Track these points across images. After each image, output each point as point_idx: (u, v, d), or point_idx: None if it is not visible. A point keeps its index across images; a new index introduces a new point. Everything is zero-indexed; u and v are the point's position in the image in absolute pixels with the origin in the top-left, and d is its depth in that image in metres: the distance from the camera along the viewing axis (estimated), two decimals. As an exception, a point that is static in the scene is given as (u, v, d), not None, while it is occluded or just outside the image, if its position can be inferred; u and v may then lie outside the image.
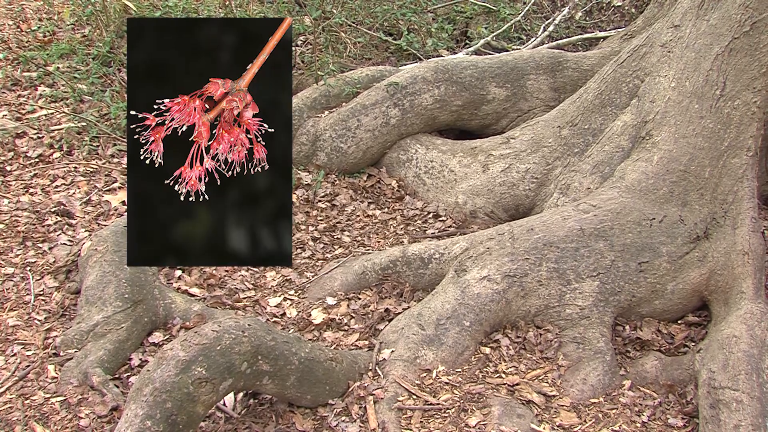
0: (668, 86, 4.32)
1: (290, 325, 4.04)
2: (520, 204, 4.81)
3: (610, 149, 4.48)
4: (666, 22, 4.60)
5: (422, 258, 4.18)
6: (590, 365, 3.73)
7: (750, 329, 3.62)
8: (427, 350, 3.69)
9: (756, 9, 4.11)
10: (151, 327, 3.91)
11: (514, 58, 5.46)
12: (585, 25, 7.22)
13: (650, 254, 4.01)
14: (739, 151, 4.15)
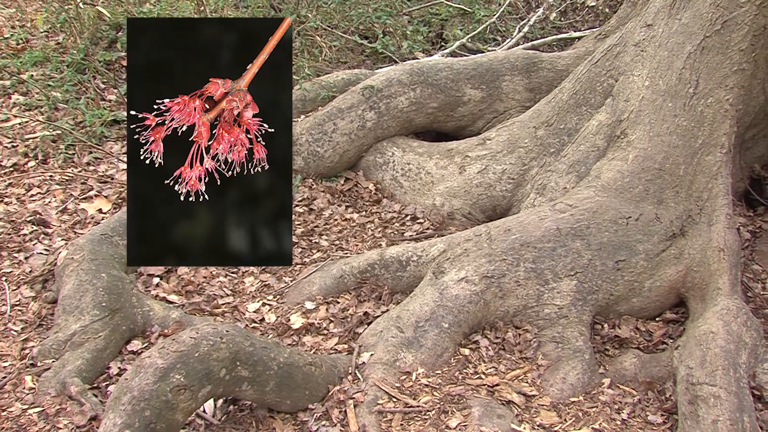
0: (642, 85, 4.34)
1: (269, 330, 4.03)
2: (497, 205, 4.82)
3: (585, 149, 4.50)
4: (639, 22, 4.63)
5: (400, 261, 4.18)
6: (569, 364, 3.74)
7: (726, 325, 3.65)
8: (406, 353, 3.69)
9: (726, 8, 4.15)
10: (129, 335, 3.89)
11: (489, 59, 5.47)
12: (560, 26, 7.26)
13: (627, 252, 4.03)
14: (713, 148, 4.18)
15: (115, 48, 6.11)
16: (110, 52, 6.05)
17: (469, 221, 4.82)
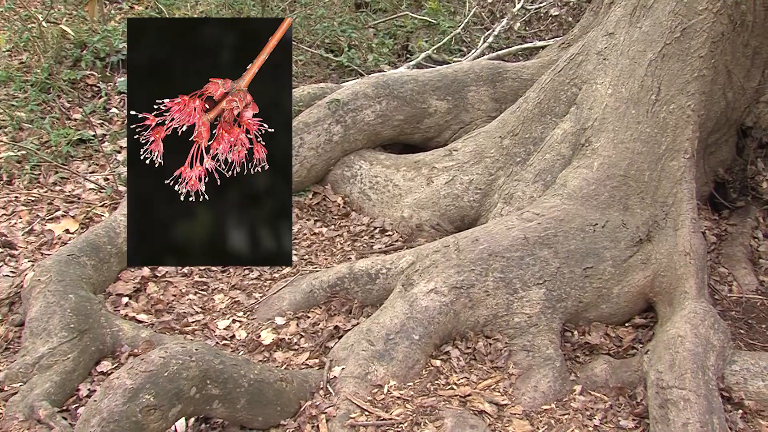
0: (605, 93, 4.38)
1: (240, 347, 4.01)
2: (465, 215, 4.83)
3: (551, 157, 4.53)
4: (600, 31, 4.67)
5: (369, 274, 4.18)
6: (541, 372, 3.75)
7: (694, 328, 3.68)
8: (377, 366, 3.69)
9: (685, 16, 4.21)
10: (98, 356, 3.85)
11: (454, 70, 5.49)
12: (525, 35, 7.30)
13: (595, 259, 4.06)
14: (677, 154, 4.22)
15: (79, 67, 6.08)
16: (75, 71, 6.01)
17: (437, 232, 4.82)
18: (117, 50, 6.20)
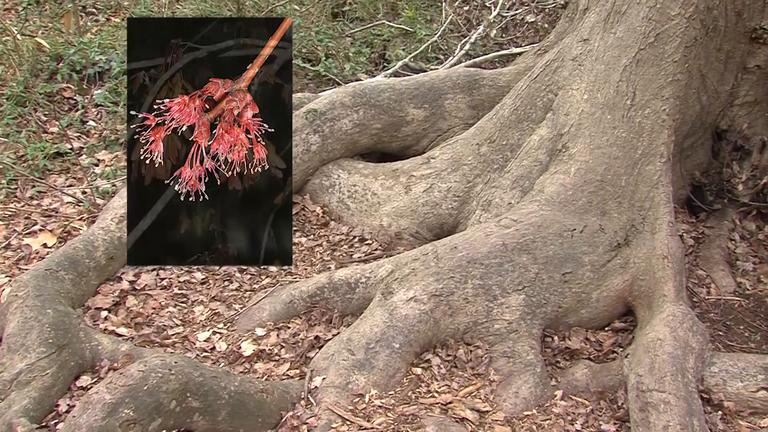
0: (581, 99, 4.40)
1: (220, 359, 4.00)
2: (444, 223, 4.84)
3: (528, 163, 4.54)
4: (575, 37, 4.70)
5: (349, 283, 4.18)
6: (521, 378, 3.76)
7: (673, 331, 3.71)
8: (358, 375, 3.69)
9: (658, 21, 4.24)
10: (78, 371, 3.82)
11: (431, 78, 5.50)
12: (502, 42, 7.32)
13: (573, 264, 4.07)
14: (653, 158, 4.25)
15: (55, 79, 6.05)
16: (51, 84, 5.98)
17: (417, 240, 4.83)
18: (93, 62, 6.18)
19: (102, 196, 5.00)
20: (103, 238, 4.34)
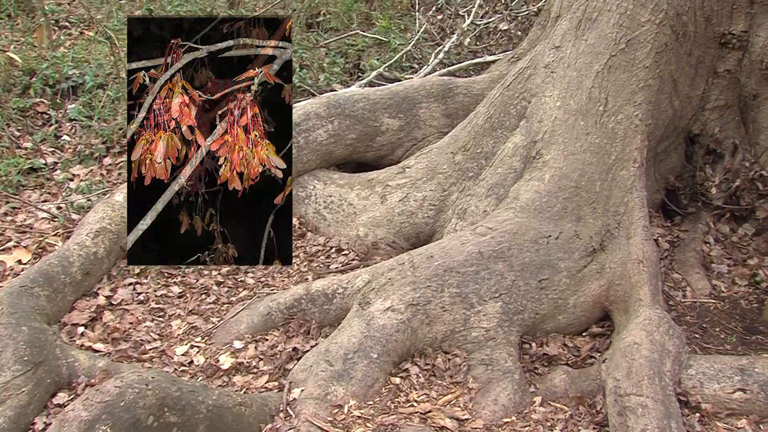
0: (554, 105, 4.43)
1: (198, 372, 3.98)
2: (420, 232, 4.84)
3: (503, 171, 4.56)
4: (548, 44, 4.73)
5: (326, 294, 4.17)
6: (500, 385, 3.77)
7: (649, 335, 3.73)
8: (337, 386, 3.68)
9: (629, 27, 4.28)
10: (54, 388, 3.79)
11: (405, 88, 5.52)
12: (476, 50, 7.35)
13: (549, 271, 4.09)
14: (626, 163, 4.28)
15: (28, 94, 6.02)
16: (24, 99, 5.95)
17: (393, 250, 4.83)
18: (67, 77, 6.16)
19: (77, 211, 4.97)
20: (79, 253, 4.32)
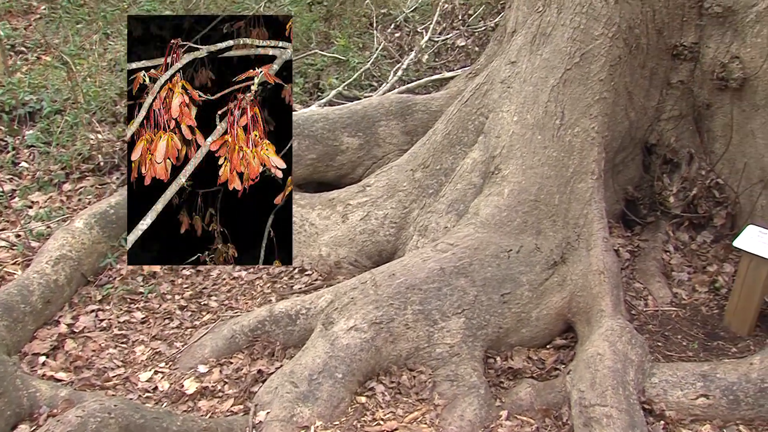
0: (511, 120, 4.46)
1: (163, 398, 3.95)
2: (382, 250, 4.85)
3: (462, 187, 4.58)
4: (504, 59, 4.77)
5: (289, 315, 4.16)
6: (466, 401, 3.77)
7: (612, 345, 3.76)
8: (302, 407, 3.67)
9: (583, 41, 4.33)
10: (15, 420, 3.74)
11: (364, 106, 5.53)
12: (435, 66, 7.39)
13: (511, 285, 4.11)
14: (584, 175, 4.32)
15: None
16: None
17: (356, 269, 4.83)
18: (24, 103, 6.11)
19: (36, 239, 4.93)
20: (39, 281, 4.28)
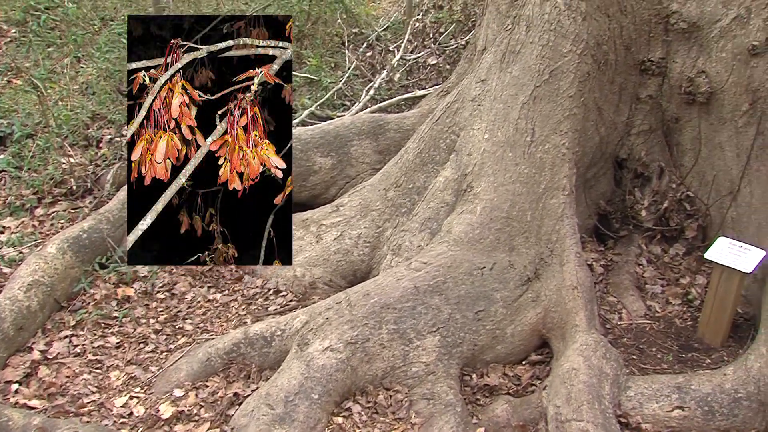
0: (482, 138, 4.49)
1: (138, 423, 3.92)
2: (357, 269, 4.85)
3: (435, 205, 4.60)
4: (474, 77, 4.80)
5: (265, 337, 4.14)
6: (443, 419, 3.77)
7: (587, 360, 3.78)
8: (279, 429, 3.65)
9: (551, 58, 4.36)
10: (-12, 450, 3.72)
11: (336, 126, 5.55)
12: (407, 84, 7.42)
13: (485, 302, 4.12)
14: (556, 191, 4.35)
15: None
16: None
17: (331, 288, 4.82)
18: (-7, 128, 6.09)
19: (8, 265, 4.89)
20: (11, 308, 4.24)
